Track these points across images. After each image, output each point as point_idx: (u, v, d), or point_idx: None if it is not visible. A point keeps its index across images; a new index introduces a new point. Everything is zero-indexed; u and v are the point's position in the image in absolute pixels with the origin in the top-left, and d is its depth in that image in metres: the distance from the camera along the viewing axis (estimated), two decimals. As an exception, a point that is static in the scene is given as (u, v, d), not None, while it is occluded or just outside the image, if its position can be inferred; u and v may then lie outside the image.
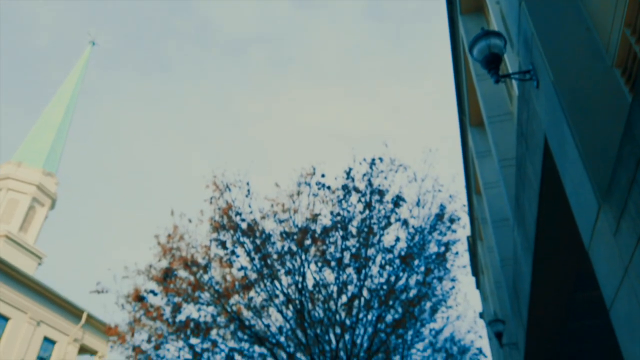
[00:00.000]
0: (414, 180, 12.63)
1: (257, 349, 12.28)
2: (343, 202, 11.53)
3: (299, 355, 12.18)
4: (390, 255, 11.72)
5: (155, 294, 11.32)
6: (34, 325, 23.26)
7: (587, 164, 3.15)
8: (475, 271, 29.63)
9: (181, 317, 11.74)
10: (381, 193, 11.95)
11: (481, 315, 31.60)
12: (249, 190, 11.67)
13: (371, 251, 11.63)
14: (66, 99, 35.13)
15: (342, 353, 12.10)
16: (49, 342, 24.64)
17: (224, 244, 11.51)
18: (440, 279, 13.11)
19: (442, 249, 12.32)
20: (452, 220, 12.96)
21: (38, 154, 32.07)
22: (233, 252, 11.61)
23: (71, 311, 25.51)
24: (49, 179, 31.59)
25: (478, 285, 31.84)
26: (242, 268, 11.76)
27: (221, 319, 12.14)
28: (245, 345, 12.27)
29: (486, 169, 14.21)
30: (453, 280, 13.03)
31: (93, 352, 27.17)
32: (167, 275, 11.07)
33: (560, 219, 6.02)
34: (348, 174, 12.21)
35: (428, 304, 13.60)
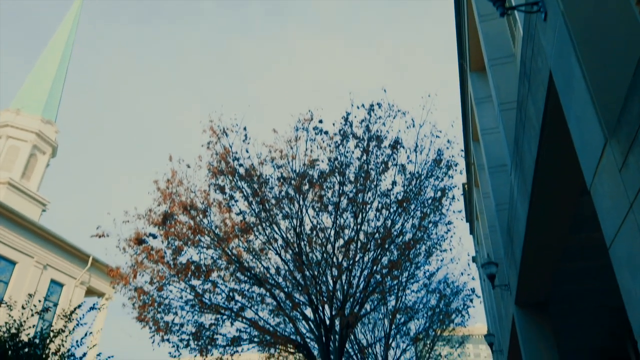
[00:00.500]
0: (412, 126, 12.51)
1: (256, 289, 12.64)
2: (341, 147, 11.46)
3: (296, 295, 12.56)
4: (387, 200, 11.81)
5: (155, 237, 11.49)
6: (40, 269, 23.83)
7: (595, 98, 3.06)
8: (470, 217, 30.11)
9: (182, 259, 11.99)
10: (379, 139, 11.86)
11: (474, 260, 32.46)
12: (246, 135, 11.56)
13: (368, 195, 11.70)
14: (61, 46, 34.20)
15: (338, 293, 12.50)
16: (56, 284, 25.32)
17: (223, 189, 11.55)
18: (435, 224, 13.30)
19: (439, 194, 12.40)
20: (449, 166, 12.96)
21: (36, 102, 31.64)
22: (232, 197, 11.67)
23: (77, 255, 26.06)
24: (48, 126, 31.34)
25: (472, 231, 32.48)
26: (240, 212, 11.87)
27: (221, 262, 12.40)
28: (245, 287, 12.62)
29: (485, 115, 14.07)
30: (449, 223, 13.22)
31: (100, 294, 28.00)
32: (166, 219, 11.17)
33: (560, 160, 5.99)
34: (346, 119, 12.06)
35: (423, 248, 13.88)
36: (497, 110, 10.28)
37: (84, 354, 5.62)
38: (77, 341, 5.52)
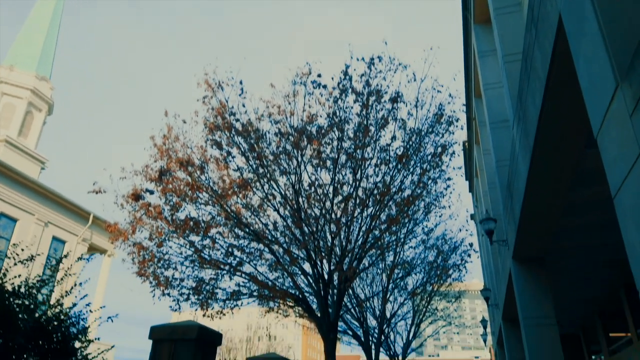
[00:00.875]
0: (414, 80, 12.18)
1: (255, 245, 12.72)
2: (339, 101, 11.18)
3: (295, 251, 12.65)
4: (386, 155, 11.66)
5: (152, 193, 11.42)
6: (41, 226, 24.03)
7: (607, 41, 2.86)
8: (470, 175, 30.11)
9: (180, 216, 11.98)
10: (379, 93, 11.56)
11: (472, 217, 32.72)
12: (242, 89, 11.26)
13: (367, 151, 11.55)
14: (52, 0, 33.04)
15: (337, 249, 12.59)
16: (58, 241, 25.61)
17: (220, 145, 11.38)
18: (435, 180, 13.22)
19: (439, 150, 12.24)
20: (450, 122, 12.74)
21: (29, 58, 30.95)
22: (229, 153, 11.52)
23: (78, 213, 26.23)
24: (43, 83, 30.83)
25: (471, 189, 32.57)
26: (238, 169, 11.76)
27: (220, 218, 12.41)
28: (244, 242, 12.69)
29: (488, 69, 13.75)
30: (449, 180, 13.13)
31: (102, 251, 28.38)
32: (162, 175, 11.06)
33: (565, 111, 5.81)
34: (345, 72, 11.72)
35: (422, 204, 13.87)
36: (501, 62, 9.97)
37: (74, 304, 5.64)
38: (65, 291, 5.53)
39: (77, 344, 5.26)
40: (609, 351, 16.04)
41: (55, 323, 5.02)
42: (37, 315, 4.85)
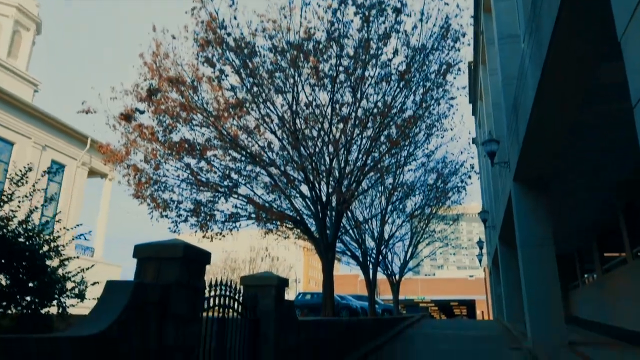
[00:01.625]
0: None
1: (251, 168, 12.52)
2: (338, 12, 10.37)
3: (292, 173, 12.48)
4: (387, 70, 11.05)
5: (142, 113, 11.01)
6: (39, 150, 23.83)
7: None
8: (474, 98, 29.32)
9: (175, 138, 11.67)
10: (381, 5, 10.70)
11: (474, 141, 32.35)
12: (233, 0, 10.40)
13: (368, 68, 10.94)
14: None
15: (335, 172, 12.39)
16: (57, 165, 25.54)
17: (211, 62, 10.75)
18: (437, 100, 12.70)
19: (444, 68, 11.58)
20: (456, 39, 11.97)
21: (11, -26, 28.87)
22: (221, 71, 10.93)
23: (75, 137, 25.91)
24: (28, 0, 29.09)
25: (474, 112, 31.90)
26: (231, 88, 11.23)
27: (216, 141, 12.10)
28: (241, 165, 12.48)
29: (500, -21, 12.77)
30: (452, 99, 12.62)
31: (103, 175, 28.41)
32: (151, 93, 10.57)
33: (582, 19, 5.29)
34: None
35: (424, 126, 13.47)
36: (516, -33, 9.12)
37: (47, 222, 5.51)
38: (35, 207, 5.39)
39: (50, 263, 5.17)
40: (602, 270, 16.44)
41: (22, 240, 4.91)
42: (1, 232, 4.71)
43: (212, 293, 4.69)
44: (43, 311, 5.00)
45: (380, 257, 21.50)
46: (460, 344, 13.10)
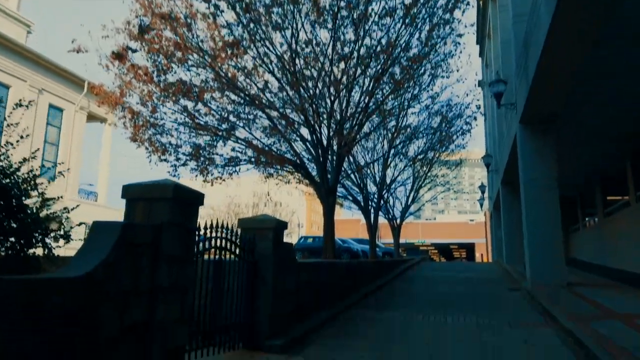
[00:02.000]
0: None
1: (249, 110, 12.18)
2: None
3: (292, 116, 12.14)
4: (392, 2, 10.41)
5: (134, 51, 10.54)
6: (36, 93, 23.34)
7: None
8: (481, 38, 28.23)
9: (170, 79, 11.25)
10: None
11: (480, 84, 31.50)
12: None
13: (371, 3, 10.31)
14: None
15: (337, 114, 12.04)
16: (55, 109, 25.14)
17: (205, -4, 10.11)
18: (444, 39, 12.09)
19: (452, 1, 10.89)
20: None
21: None
22: (216, 7, 10.33)
23: (72, 80, 25.30)
24: None
25: (481, 53, 30.84)
26: (227, 25, 10.67)
27: (213, 84, 11.68)
28: (239, 108, 12.13)
29: None
30: (460, 36, 11.99)
31: (102, 120, 28.01)
32: (143, 30, 10.03)
33: None
34: None
35: (429, 66, 12.92)
36: None
37: (24, 159, 5.31)
38: (9, 142, 5.20)
39: (29, 202, 5.02)
40: (604, 213, 16.42)
41: None
42: None
43: (209, 235, 4.59)
44: (30, 252, 4.92)
45: (382, 202, 21.50)
46: (459, 286, 13.31)
